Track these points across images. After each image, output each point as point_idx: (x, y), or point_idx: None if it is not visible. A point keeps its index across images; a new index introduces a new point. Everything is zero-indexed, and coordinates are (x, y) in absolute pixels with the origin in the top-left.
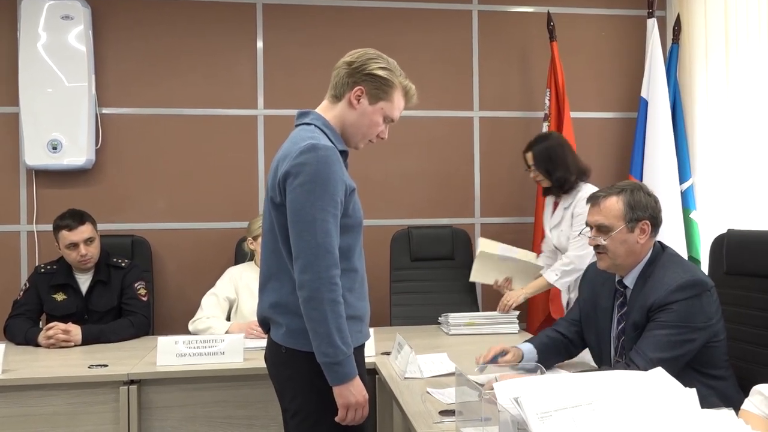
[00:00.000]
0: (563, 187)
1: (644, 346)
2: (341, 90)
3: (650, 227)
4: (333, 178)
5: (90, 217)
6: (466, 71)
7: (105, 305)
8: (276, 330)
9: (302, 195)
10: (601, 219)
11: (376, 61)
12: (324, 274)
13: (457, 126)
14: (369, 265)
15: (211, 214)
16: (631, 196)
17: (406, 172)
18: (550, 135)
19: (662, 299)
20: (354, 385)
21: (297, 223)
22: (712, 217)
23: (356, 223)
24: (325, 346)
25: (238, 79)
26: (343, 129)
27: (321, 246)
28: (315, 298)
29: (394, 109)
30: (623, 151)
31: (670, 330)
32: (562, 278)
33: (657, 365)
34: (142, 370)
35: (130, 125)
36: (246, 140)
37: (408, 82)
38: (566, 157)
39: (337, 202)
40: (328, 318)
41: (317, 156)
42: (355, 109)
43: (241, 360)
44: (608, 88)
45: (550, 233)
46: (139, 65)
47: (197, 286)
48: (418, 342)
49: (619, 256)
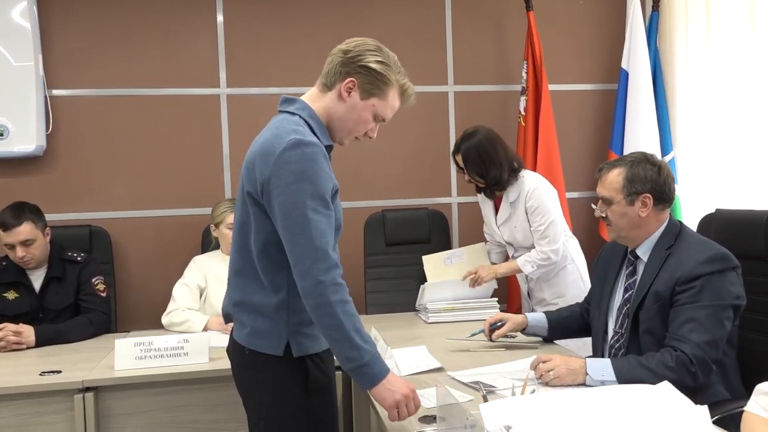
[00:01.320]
0: (498, 185)
1: (686, 332)
2: (332, 79)
3: (652, 200)
4: (321, 176)
5: (33, 213)
6: (439, 44)
7: (61, 303)
8: (239, 329)
9: (291, 196)
10: (603, 191)
11: (374, 53)
12: (325, 278)
13: (431, 102)
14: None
15: (173, 200)
16: (630, 170)
17: (378, 152)
18: (476, 132)
19: (690, 271)
20: (390, 382)
21: (290, 227)
22: (694, 191)
23: (338, 224)
24: (347, 351)
25: (198, 55)
26: (330, 122)
27: (318, 249)
28: (322, 305)
29: (386, 108)
30: (603, 124)
31: (707, 310)
32: (538, 270)
33: (707, 350)
34: (98, 376)
35: (83, 108)
36: (208, 121)
37: (406, 81)
38: (497, 153)
39: (327, 200)
40: (342, 321)
41: (303, 153)
42: (345, 102)
43: (206, 360)
44: (587, 59)
45: (499, 229)
46: (91, 43)
47: (162, 278)
48: (394, 333)
49: (623, 228)
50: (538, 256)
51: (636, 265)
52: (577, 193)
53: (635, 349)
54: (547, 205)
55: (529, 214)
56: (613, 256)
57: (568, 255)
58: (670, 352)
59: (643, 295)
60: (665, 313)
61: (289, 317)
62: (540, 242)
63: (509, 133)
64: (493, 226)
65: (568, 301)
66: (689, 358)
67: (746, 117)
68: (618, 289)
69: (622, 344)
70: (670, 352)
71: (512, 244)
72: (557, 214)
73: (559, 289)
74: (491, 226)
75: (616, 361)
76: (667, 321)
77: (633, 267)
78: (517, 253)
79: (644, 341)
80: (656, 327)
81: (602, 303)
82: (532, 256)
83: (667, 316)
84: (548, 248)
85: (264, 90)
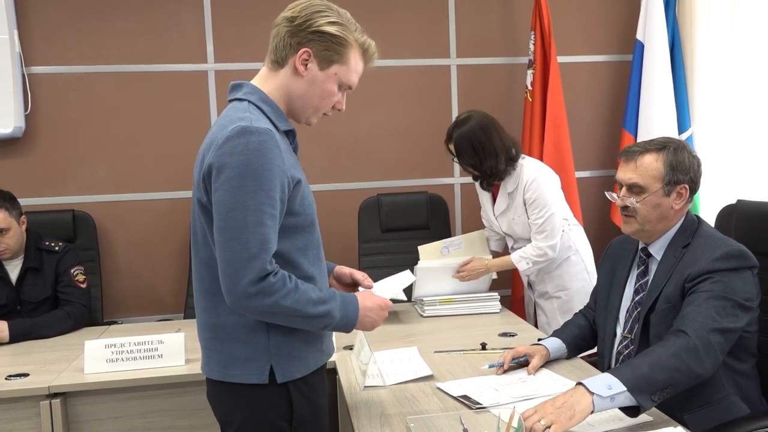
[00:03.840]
0: (494, 176)
1: (688, 313)
2: (283, 54)
3: (688, 192)
4: (268, 170)
5: (7, 201)
6: (441, 13)
7: (38, 295)
8: (211, 359)
9: (230, 193)
10: (636, 178)
11: (324, 14)
12: (251, 289)
13: (433, 75)
14: (335, 236)
15: (160, 182)
16: (674, 156)
17: (376, 129)
18: (468, 118)
19: (702, 268)
20: (365, 314)
21: (224, 230)
22: (714, 172)
23: (306, 222)
24: (316, 324)
25: (184, 29)
26: (290, 102)
27: (253, 257)
28: (265, 314)
29: (350, 74)
30: (617, 98)
31: (715, 302)
32: (533, 267)
33: (716, 336)
34: (66, 381)
35: (63, 86)
36: (196, 98)
37: (366, 38)
38: (492, 142)
39: (274, 199)
40: (293, 311)
41: (247, 143)
42: (303, 77)
43: (182, 363)
44: (599, 28)
45: (497, 220)
46: (70, 16)
47: (150, 264)
48: (387, 329)
49: (650, 221)
50: (533, 251)
51: (648, 264)
52: (588, 172)
53: None
54: (547, 197)
55: (527, 205)
56: (621, 254)
57: (572, 245)
58: (676, 336)
59: (655, 297)
60: (677, 316)
61: (269, 338)
62: (536, 236)
63: (515, 109)
64: (491, 216)
65: (571, 295)
66: (693, 340)
67: None
68: (627, 291)
69: (632, 351)
70: (676, 336)
71: (511, 236)
72: (557, 206)
73: (562, 282)
74: (489, 216)
75: (615, 370)
76: None
77: (645, 266)
78: (517, 244)
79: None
80: (666, 331)
81: (610, 306)
82: (528, 251)
83: None
84: (545, 243)
85: (254, 65)
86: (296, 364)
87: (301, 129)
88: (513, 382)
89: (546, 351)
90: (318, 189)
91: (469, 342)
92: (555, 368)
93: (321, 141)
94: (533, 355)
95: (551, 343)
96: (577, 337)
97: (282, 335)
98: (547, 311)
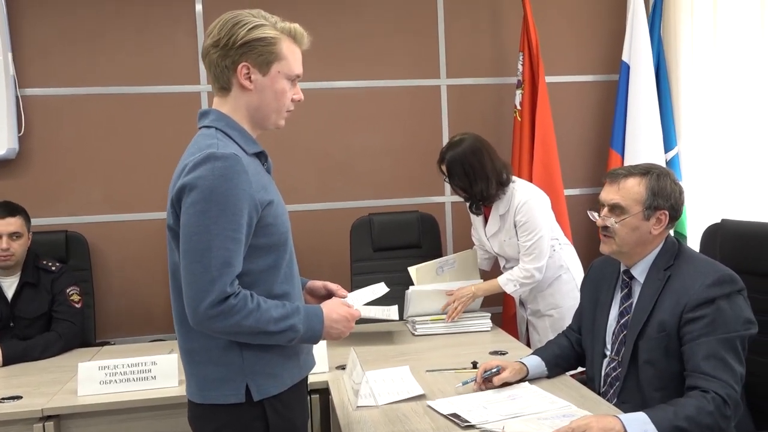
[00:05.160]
0: (484, 200)
1: (710, 369)
2: (225, 78)
3: (667, 218)
4: (233, 195)
5: (25, 212)
6: (431, 35)
7: (34, 311)
8: (188, 382)
9: (195, 217)
10: (618, 199)
11: (241, 24)
12: (211, 311)
13: (423, 95)
14: (327, 255)
15: (153, 203)
16: (656, 182)
17: (367, 148)
18: (462, 140)
19: (697, 296)
20: (331, 325)
21: (188, 252)
22: (699, 190)
23: (280, 241)
24: (280, 339)
25: (177, 51)
26: (251, 116)
27: (214, 280)
28: (228, 333)
29: (292, 65)
30: (604, 117)
31: (725, 344)
32: (521, 289)
33: (737, 388)
34: (60, 404)
35: (56, 107)
36: (188, 119)
37: (288, 24)
38: (483, 166)
39: (239, 223)
40: (255, 329)
41: (213, 168)
42: (252, 90)
43: (175, 384)
44: (587, 48)
45: (489, 241)
46: (64, 39)
47: (143, 284)
48: (379, 348)
49: (627, 243)
50: (521, 273)
51: (631, 286)
52: (577, 190)
53: (633, 379)
54: (537, 219)
55: (517, 227)
56: (603, 276)
57: (563, 263)
58: (704, 396)
59: (643, 322)
60: (671, 345)
61: (243, 357)
62: (524, 258)
63: (504, 128)
64: (482, 237)
65: (563, 313)
66: (723, 398)
67: (756, 112)
68: (612, 312)
69: (620, 374)
70: (704, 396)
71: (503, 257)
72: (546, 229)
73: (554, 300)
74: (481, 237)
75: (652, 413)
76: (670, 352)
77: (629, 289)
78: (509, 264)
79: (644, 372)
80: (659, 358)
81: (597, 328)
82: (515, 274)
83: (671, 347)
84: (532, 266)
85: None
86: (272, 381)
87: (294, 149)
88: (502, 399)
89: (520, 366)
90: (310, 208)
91: (460, 360)
92: (544, 386)
93: (313, 161)
94: (505, 368)
95: (530, 360)
96: (557, 357)
97: (256, 353)
98: (540, 329)
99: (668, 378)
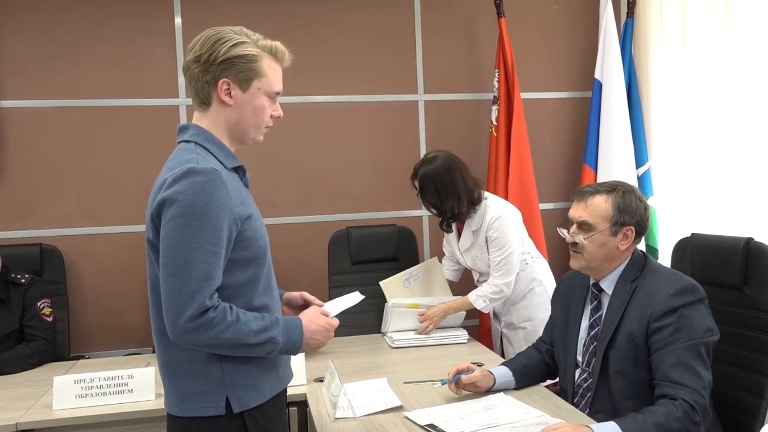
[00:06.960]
0: (454, 218)
1: (678, 377)
2: (205, 93)
3: (634, 234)
4: (213, 209)
5: None
6: (409, 51)
7: (5, 328)
8: (167, 395)
9: (175, 231)
10: (585, 216)
11: (223, 40)
12: (190, 324)
13: (401, 110)
14: (306, 268)
15: (129, 216)
16: (621, 199)
17: (346, 162)
18: (435, 158)
19: (661, 305)
20: (310, 336)
21: (167, 266)
22: (670, 203)
23: (259, 255)
24: (260, 351)
25: (156, 64)
26: (231, 131)
27: (193, 294)
28: (208, 346)
29: (272, 82)
30: (578, 132)
31: (691, 351)
32: (490, 304)
33: (704, 393)
34: (35, 418)
35: (33, 120)
36: (167, 132)
37: (269, 42)
38: (455, 184)
39: (219, 237)
40: (234, 341)
41: (193, 182)
42: (231, 106)
43: (152, 397)
44: (561, 66)
45: (462, 256)
46: (41, 51)
47: (119, 298)
48: (357, 360)
49: (596, 258)
50: (489, 289)
51: (600, 299)
52: (551, 204)
53: (605, 389)
54: (508, 235)
55: (488, 243)
56: (573, 289)
57: (536, 276)
58: (672, 403)
59: (611, 332)
60: (639, 355)
61: (222, 370)
62: (494, 273)
63: (481, 143)
64: (456, 251)
65: (536, 325)
66: (691, 405)
67: (725, 127)
68: (583, 324)
69: (591, 384)
70: (672, 403)
71: (477, 271)
72: (516, 245)
73: (526, 313)
74: (455, 251)
75: (622, 422)
76: (639, 362)
77: (598, 301)
78: (482, 278)
79: (615, 382)
80: (628, 368)
81: (569, 341)
82: (484, 290)
83: (640, 356)
84: (501, 281)
85: None
86: (252, 393)
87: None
88: (478, 410)
89: (487, 373)
90: (289, 221)
91: (437, 372)
92: (519, 396)
93: (293, 174)
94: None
95: (498, 370)
96: (525, 367)
97: (235, 365)
98: (514, 341)
99: (639, 387)
